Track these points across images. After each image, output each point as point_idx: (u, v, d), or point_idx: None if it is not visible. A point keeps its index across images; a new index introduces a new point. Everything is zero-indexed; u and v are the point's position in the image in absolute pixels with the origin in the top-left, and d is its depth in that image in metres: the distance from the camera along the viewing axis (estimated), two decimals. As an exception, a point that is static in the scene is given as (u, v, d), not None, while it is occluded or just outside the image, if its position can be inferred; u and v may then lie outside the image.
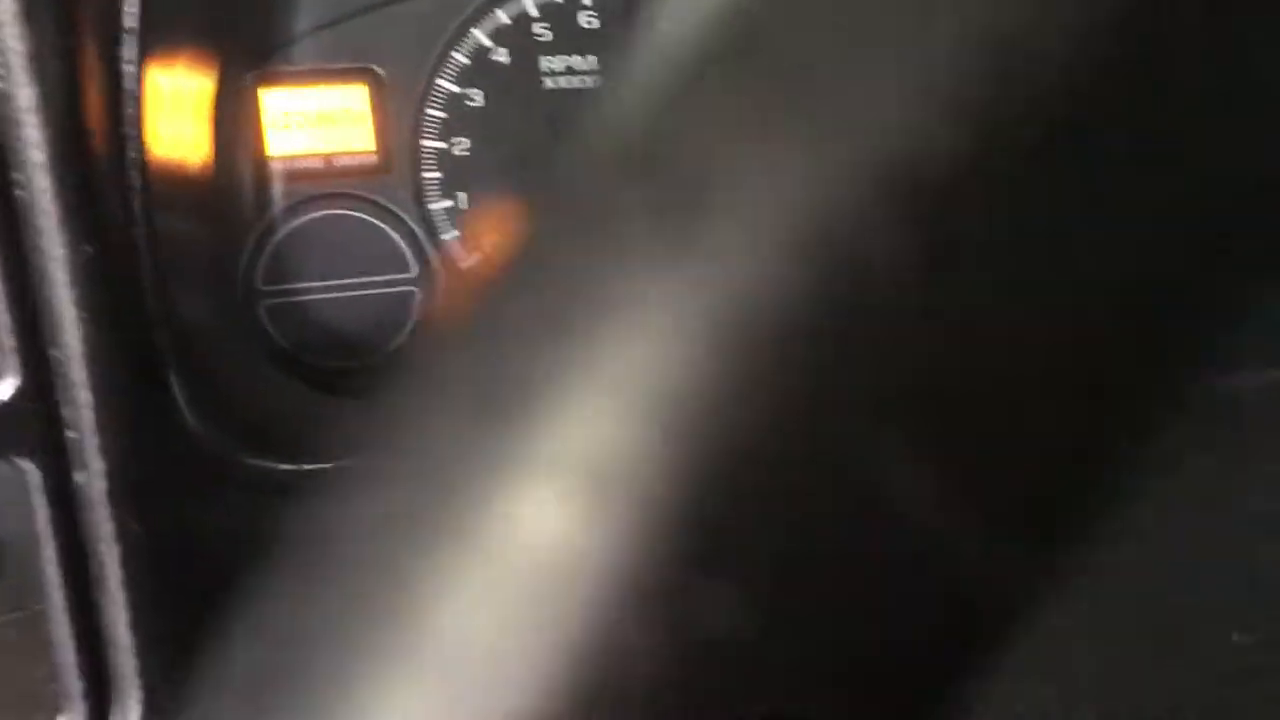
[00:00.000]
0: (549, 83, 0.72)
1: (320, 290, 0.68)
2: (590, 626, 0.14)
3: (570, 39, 0.72)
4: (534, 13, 0.72)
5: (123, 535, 0.51)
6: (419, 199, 0.70)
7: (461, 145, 0.71)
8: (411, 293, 0.70)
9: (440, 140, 0.71)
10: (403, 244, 0.70)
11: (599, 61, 0.73)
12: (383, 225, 0.70)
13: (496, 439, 0.16)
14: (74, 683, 0.51)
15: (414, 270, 0.70)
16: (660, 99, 0.18)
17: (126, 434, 0.51)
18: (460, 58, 0.71)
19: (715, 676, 0.15)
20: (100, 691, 0.52)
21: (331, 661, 0.16)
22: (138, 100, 0.56)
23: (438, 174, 0.70)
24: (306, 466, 0.53)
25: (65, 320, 0.49)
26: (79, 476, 0.50)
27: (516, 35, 0.72)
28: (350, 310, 0.69)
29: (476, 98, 0.71)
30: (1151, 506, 0.39)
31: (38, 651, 0.51)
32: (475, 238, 0.71)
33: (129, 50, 0.56)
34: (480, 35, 0.71)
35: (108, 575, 0.51)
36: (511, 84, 0.72)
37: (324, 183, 0.69)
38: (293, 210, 0.69)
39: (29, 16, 0.47)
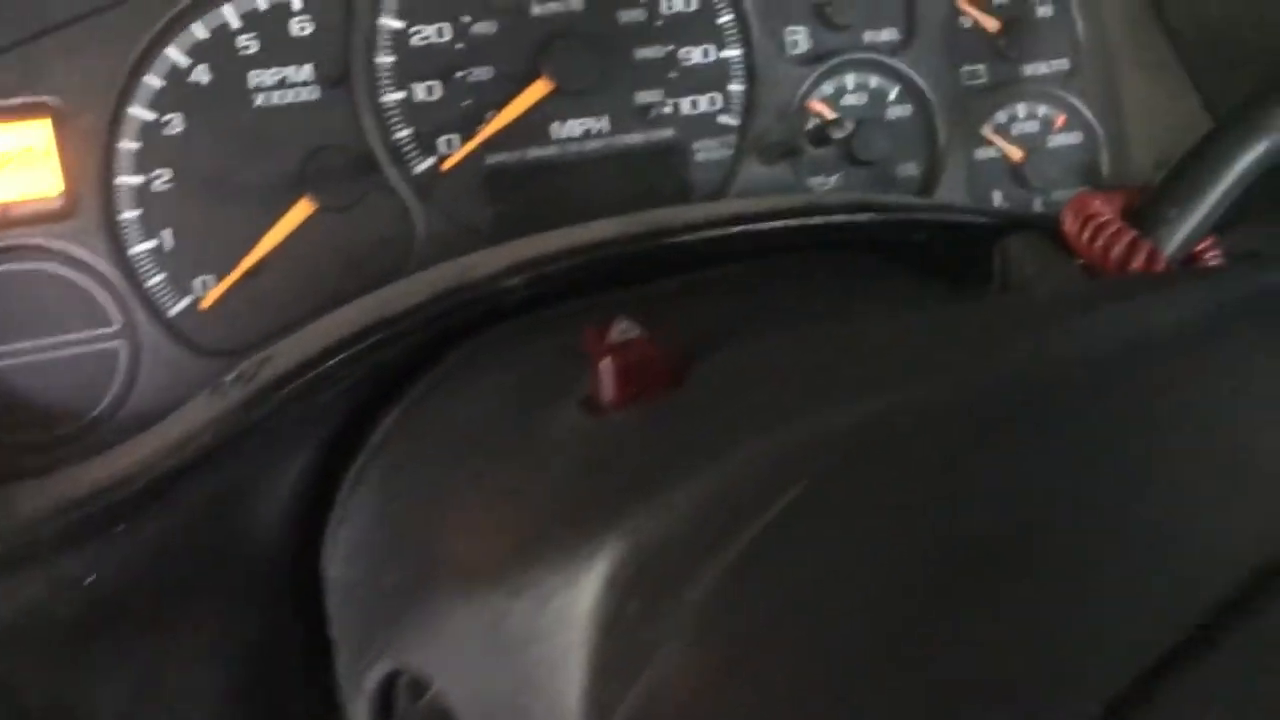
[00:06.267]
0: (260, 99, 0.65)
1: (6, 356, 0.60)
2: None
3: (281, 50, 0.65)
4: (236, 24, 0.64)
5: None
6: (115, 243, 0.62)
7: (162, 178, 0.63)
8: (115, 349, 0.62)
9: (136, 174, 0.63)
10: (101, 295, 0.62)
11: (315, 71, 0.65)
12: (74, 275, 0.62)
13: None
14: None
15: (116, 324, 0.62)
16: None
17: None
18: (154, 81, 0.63)
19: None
20: None
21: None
22: None
23: (136, 212, 0.63)
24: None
25: None
26: None
27: (218, 50, 0.64)
28: (44, 376, 0.61)
29: (175, 123, 0.63)
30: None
31: None
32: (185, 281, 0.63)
33: None
34: (175, 54, 0.63)
35: None
36: (216, 105, 0.64)
37: (1, 235, 0.61)
38: (-30, 268, 0.61)
39: None
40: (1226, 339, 0.32)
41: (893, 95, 0.75)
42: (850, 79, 0.75)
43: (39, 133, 0.62)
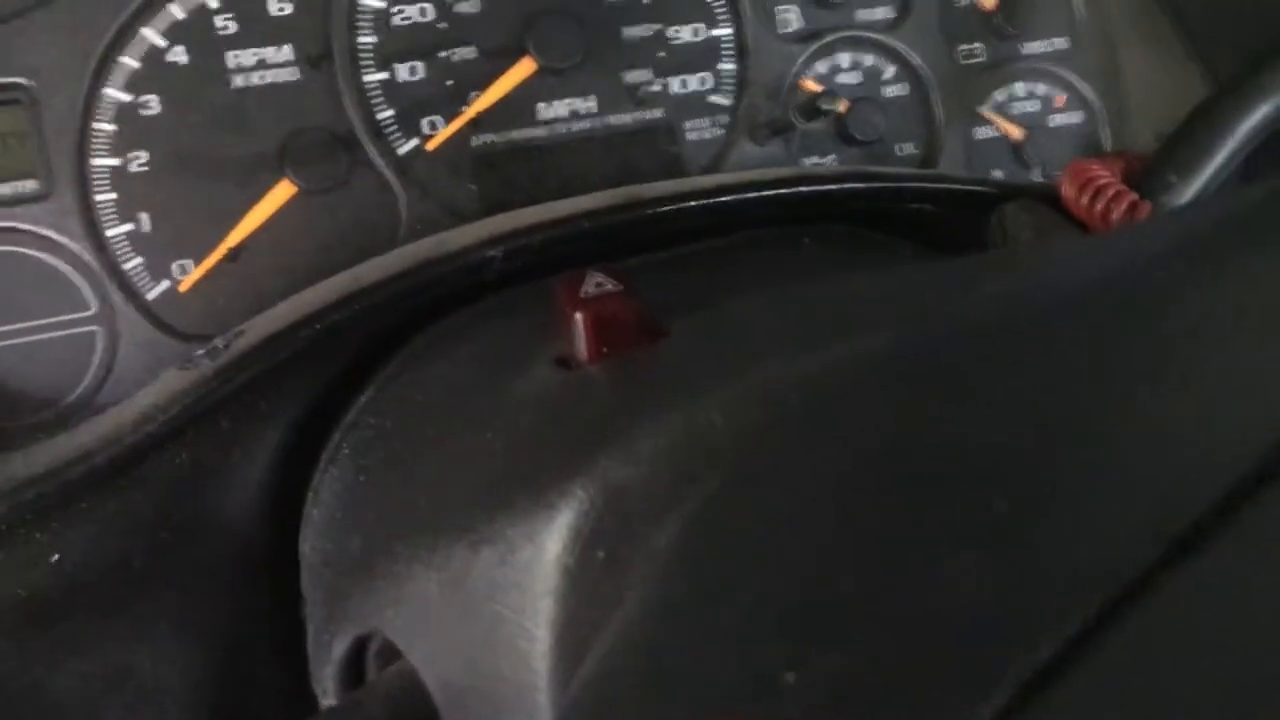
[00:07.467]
0: (238, 80, 0.63)
1: (-20, 341, 0.59)
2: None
3: (260, 30, 0.64)
4: (214, 3, 0.63)
5: None
6: (92, 225, 0.61)
7: (139, 160, 0.62)
8: (92, 333, 0.61)
9: (112, 156, 0.62)
10: (77, 278, 0.61)
11: (295, 51, 0.64)
12: (50, 259, 0.60)
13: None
14: None
15: (93, 307, 0.61)
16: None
17: None
18: (130, 61, 0.62)
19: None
20: None
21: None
22: None
23: (112, 195, 0.61)
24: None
25: None
26: None
27: (195, 30, 0.63)
28: (18, 361, 0.60)
29: (152, 105, 0.62)
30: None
31: None
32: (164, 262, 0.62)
33: None
34: (151, 34, 0.62)
35: None
36: (194, 86, 0.63)
37: (-25, 218, 0.60)
38: (-56, 252, 0.60)
39: None
40: (1204, 271, 0.30)
41: (888, 74, 0.74)
42: (844, 58, 0.73)
43: (14, 115, 0.61)
